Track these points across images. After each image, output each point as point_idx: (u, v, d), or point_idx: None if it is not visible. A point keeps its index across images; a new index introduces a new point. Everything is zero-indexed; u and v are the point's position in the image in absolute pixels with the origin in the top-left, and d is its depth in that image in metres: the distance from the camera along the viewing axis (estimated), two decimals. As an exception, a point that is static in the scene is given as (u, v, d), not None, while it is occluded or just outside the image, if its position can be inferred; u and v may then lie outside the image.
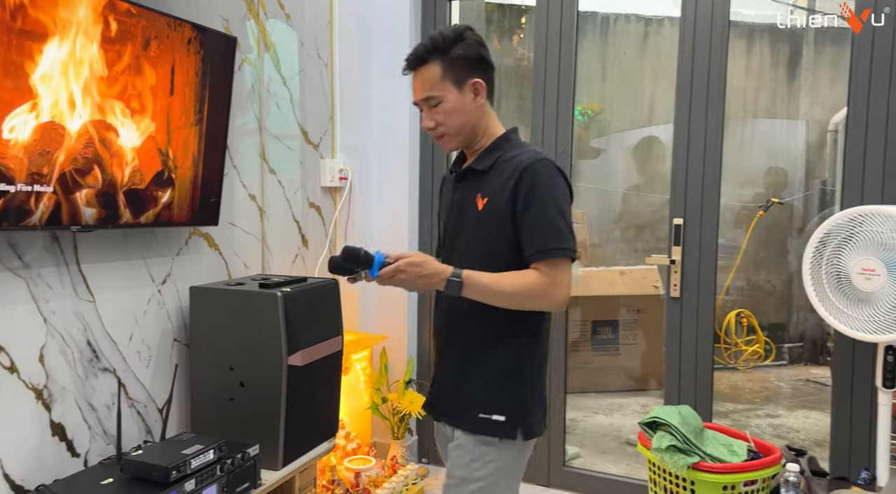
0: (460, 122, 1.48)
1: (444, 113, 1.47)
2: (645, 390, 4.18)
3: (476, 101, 1.47)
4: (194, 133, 2.10)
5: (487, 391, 1.45)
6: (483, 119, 1.51)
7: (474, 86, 1.46)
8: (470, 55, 1.45)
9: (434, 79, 1.45)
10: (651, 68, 4.77)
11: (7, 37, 1.51)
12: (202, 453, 1.79)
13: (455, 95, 1.45)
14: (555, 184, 1.42)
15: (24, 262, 1.75)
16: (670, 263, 2.64)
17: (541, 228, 1.39)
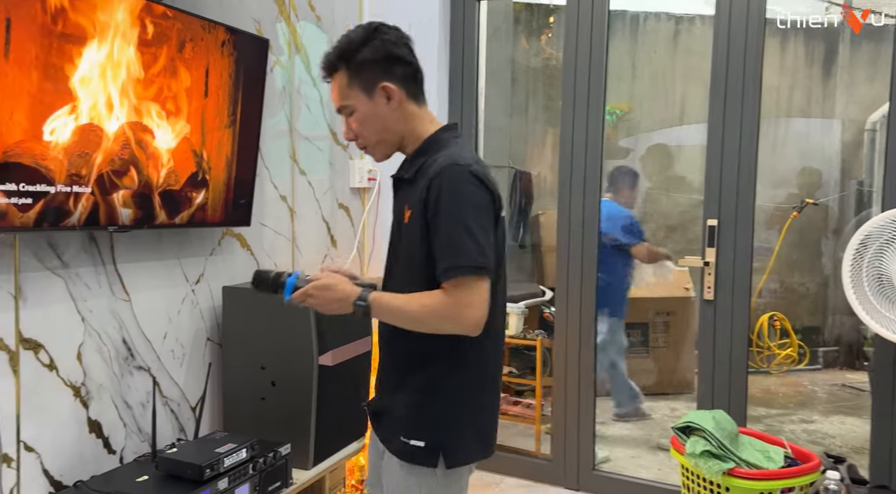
0: (376, 131, 1.36)
1: (358, 122, 1.36)
2: (675, 393, 4.12)
3: (391, 106, 1.34)
4: (228, 134, 2.12)
5: (409, 414, 1.33)
6: (407, 123, 1.37)
7: (385, 90, 1.33)
8: (377, 57, 1.32)
9: (343, 87, 1.35)
10: (682, 67, 4.71)
11: (48, 40, 1.54)
12: (235, 452, 1.81)
13: (365, 102, 1.34)
14: (466, 192, 1.25)
15: (62, 262, 1.78)
16: (704, 265, 2.59)
17: (448, 243, 1.24)
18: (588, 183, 2.80)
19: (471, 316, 1.24)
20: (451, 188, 1.25)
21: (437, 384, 1.32)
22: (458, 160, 1.28)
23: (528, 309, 3.36)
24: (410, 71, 1.37)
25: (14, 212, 1.52)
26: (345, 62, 1.33)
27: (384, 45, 1.33)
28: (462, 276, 1.23)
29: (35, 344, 1.72)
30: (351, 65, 1.33)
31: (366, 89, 1.33)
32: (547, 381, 3.13)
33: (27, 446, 1.71)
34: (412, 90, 1.37)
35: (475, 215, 1.26)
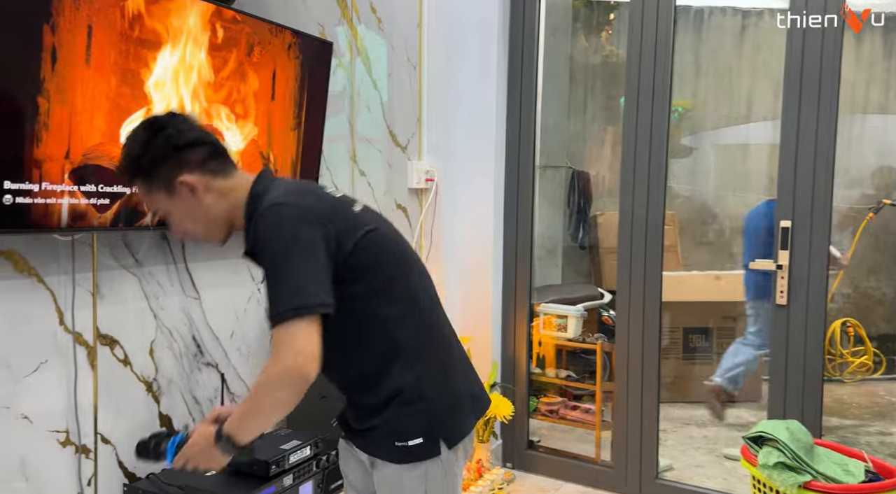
0: (196, 223, 1.31)
1: (176, 222, 1.32)
2: (740, 401, 3.98)
3: (197, 196, 1.26)
4: (293, 137, 2.15)
5: (392, 424, 1.30)
6: (224, 200, 1.29)
7: (184, 184, 1.25)
8: (165, 156, 1.24)
9: (144, 195, 1.30)
10: (749, 63, 4.54)
11: (126, 46, 1.59)
12: (300, 448, 1.83)
13: (173, 203, 1.28)
14: (279, 230, 1.19)
15: (136, 260, 1.84)
16: (776, 268, 2.49)
17: (269, 293, 1.18)
18: (652, 182, 2.73)
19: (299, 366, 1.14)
20: (262, 237, 1.20)
21: (400, 388, 1.29)
22: (264, 204, 1.23)
23: (587, 312, 3.31)
24: (205, 151, 1.28)
25: (93, 212, 1.58)
26: (134, 173, 1.27)
27: (167, 141, 1.25)
28: (283, 322, 1.14)
29: (111, 339, 1.78)
30: (140, 174, 1.27)
31: (167, 190, 1.26)
32: (606, 386, 3.07)
33: (104, 438, 1.77)
34: (215, 168, 1.29)
35: (290, 253, 1.17)
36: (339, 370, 1.32)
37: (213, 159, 1.28)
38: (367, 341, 1.29)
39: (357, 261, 1.24)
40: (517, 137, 3.10)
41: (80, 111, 1.50)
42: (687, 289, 3.97)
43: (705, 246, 4.59)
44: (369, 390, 1.30)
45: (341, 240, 1.22)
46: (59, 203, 1.50)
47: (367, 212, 1.35)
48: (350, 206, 1.32)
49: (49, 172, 1.47)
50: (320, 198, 1.30)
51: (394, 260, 1.33)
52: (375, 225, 1.31)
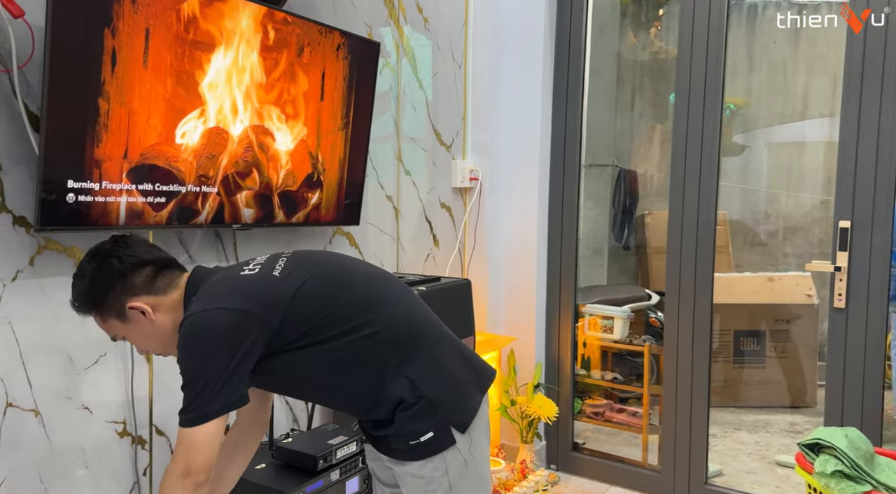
0: (155, 344, 1.36)
1: (137, 343, 1.37)
2: (794, 407, 3.85)
3: (149, 317, 1.30)
4: (341, 137, 2.18)
5: (402, 427, 1.34)
6: (173, 315, 1.32)
7: (134, 309, 1.29)
8: (111, 284, 1.28)
9: (100, 324, 1.34)
10: (804, 58, 4.39)
11: (181, 48, 1.64)
12: (346, 444, 1.85)
13: (128, 327, 1.32)
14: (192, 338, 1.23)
15: (190, 257, 1.89)
16: (835, 270, 2.40)
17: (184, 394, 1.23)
18: (703, 181, 2.66)
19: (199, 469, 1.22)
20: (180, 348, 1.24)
21: (399, 397, 1.33)
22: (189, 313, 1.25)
23: (634, 314, 3.25)
24: (148, 272, 1.32)
25: (149, 210, 1.63)
26: (86, 307, 1.31)
27: (110, 270, 1.29)
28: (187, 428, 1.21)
29: (166, 334, 1.83)
30: (91, 308, 1.31)
31: (118, 317, 1.31)
32: (653, 389, 3.01)
33: (158, 430, 1.83)
34: (162, 285, 1.32)
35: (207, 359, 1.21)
36: (342, 405, 1.43)
37: (159, 277, 1.32)
38: (349, 375, 1.32)
39: (295, 325, 1.27)
40: (562, 136, 3.07)
41: (138, 112, 1.55)
42: (738, 291, 3.87)
43: (758, 246, 4.46)
44: (374, 409, 1.35)
45: (270, 320, 1.25)
46: (117, 201, 1.55)
47: (291, 267, 1.33)
48: (271, 276, 1.31)
49: (108, 172, 1.52)
50: (239, 288, 1.29)
51: (334, 295, 1.33)
52: (302, 278, 1.31)
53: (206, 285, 1.30)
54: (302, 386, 1.39)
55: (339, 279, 1.36)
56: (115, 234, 1.34)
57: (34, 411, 1.56)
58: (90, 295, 1.29)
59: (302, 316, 1.28)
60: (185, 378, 1.22)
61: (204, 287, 1.30)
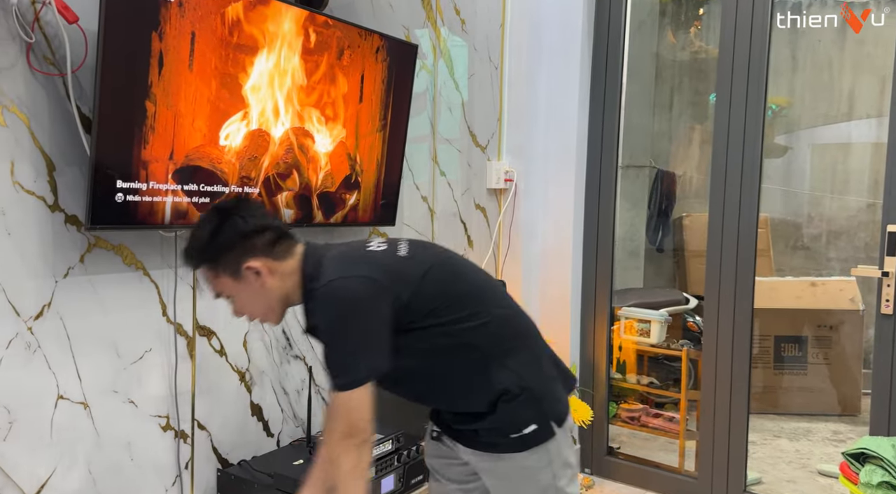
0: (259, 306, 1.36)
1: (239, 304, 1.37)
2: (837, 415, 3.75)
3: (261, 280, 1.32)
4: (378, 138, 2.20)
5: (501, 418, 1.36)
6: (284, 282, 1.34)
7: (250, 269, 1.31)
8: (231, 243, 1.30)
9: (210, 279, 1.35)
10: (851, 57, 4.28)
11: (225, 51, 1.67)
12: (381, 442, 1.87)
13: (237, 286, 1.33)
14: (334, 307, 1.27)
15: (232, 256, 1.93)
16: (882, 275, 2.33)
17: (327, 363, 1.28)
18: (745, 183, 2.61)
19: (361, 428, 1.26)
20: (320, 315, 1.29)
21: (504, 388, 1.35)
22: (319, 284, 1.28)
23: (672, 317, 3.21)
24: (269, 236, 1.33)
25: (193, 210, 1.67)
26: (203, 258, 1.33)
27: (234, 228, 1.31)
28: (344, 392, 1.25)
29: (208, 331, 1.88)
30: (209, 259, 1.32)
31: (233, 275, 1.32)
32: (691, 394, 2.96)
33: (200, 425, 1.87)
34: (279, 252, 1.34)
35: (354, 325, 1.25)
36: (438, 399, 1.44)
37: (277, 244, 1.34)
38: (458, 364, 1.35)
39: (420, 306, 1.31)
40: (599, 137, 3.04)
41: (184, 114, 1.59)
42: (779, 296, 3.78)
43: (800, 250, 4.36)
44: (473, 401, 1.37)
45: (399, 294, 1.29)
46: (163, 201, 1.60)
47: (414, 250, 1.38)
48: (396, 256, 1.35)
49: (155, 172, 1.56)
50: (370, 261, 1.33)
51: (454, 282, 1.38)
52: (428, 262, 1.36)
53: (331, 256, 1.34)
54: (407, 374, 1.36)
55: (455, 269, 1.41)
56: (238, 195, 1.38)
57: (83, 404, 1.62)
58: (209, 250, 1.31)
59: (427, 296, 1.32)
60: (329, 343, 1.27)
61: (328, 258, 1.33)
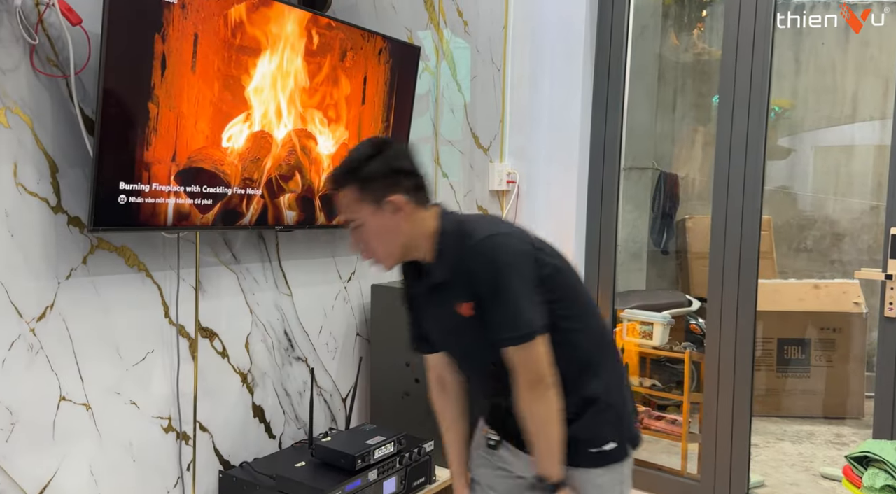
0: (383, 244, 1.37)
1: (366, 235, 1.36)
2: (840, 418, 3.74)
3: (398, 217, 1.34)
4: (381, 139, 2.20)
5: (587, 429, 1.39)
6: (414, 229, 1.36)
7: (392, 203, 1.33)
8: (383, 172, 1.33)
9: (351, 201, 1.35)
10: (854, 60, 4.27)
11: (228, 53, 1.67)
12: (384, 444, 1.87)
13: (375, 217, 1.34)
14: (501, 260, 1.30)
15: (235, 257, 1.93)
16: (886, 278, 2.32)
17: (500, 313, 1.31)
18: (748, 185, 2.61)
19: (545, 378, 1.32)
20: (483, 269, 1.30)
21: (594, 396, 1.40)
22: (475, 239, 1.32)
23: (675, 320, 3.20)
24: (416, 182, 1.37)
25: (195, 212, 1.67)
26: (352, 178, 1.34)
27: (388, 160, 1.34)
28: (521, 345, 1.30)
29: (211, 332, 1.88)
30: (358, 180, 1.34)
31: (375, 203, 1.33)
32: (694, 397, 2.95)
33: (202, 426, 1.87)
34: (419, 198, 1.37)
35: (520, 281, 1.31)
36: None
37: (422, 191, 1.38)
38: (560, 358, 1.35)
39: (551, 282, 1.35)
40: (602, 138, 3.04)
41: (186, 116, 1.59)
42: (783, 298, 3.77)
43: (803, 252, 4.35)
44: (565, 400, 1.36)
45: (541, 263, 1.34)
46: (166, 203, 1.60)
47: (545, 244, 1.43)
48: (534, 235, 1.42)
49: (157, 174, 1.57)
50: (516, 227, 1.40)
51: (575, 281, 1.43)
52: (559, 256, 1.42)
53: (475, 218, 1.43)
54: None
55: (573, 272, 1.45)
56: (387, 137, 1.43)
57: (85, 405, 1.62)
58: (362, 172, 1.33)
59: (554, 285, 1.35)
60: (497, 297, 1.30)
61: (471, 220, 1.40)
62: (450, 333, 1.45)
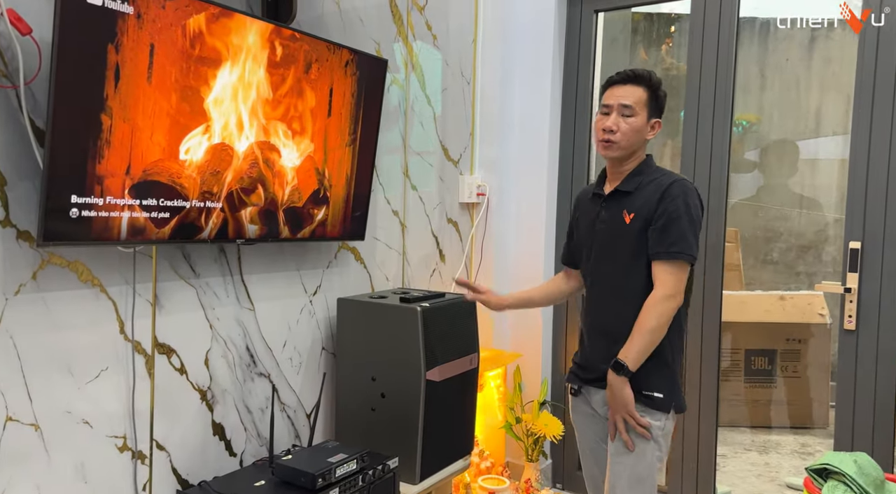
0: (630, 141, 1.77)
1: (628, 125, 1.75)
2: (806, 428, 3.79)
3: (648, 135, 1.79)
4: (348, 153, 2.18)
5: (644, 372, 1.70)
6: (641, 148, 1.81)
7: (655, 124, 1.79)
8: (663, 100, 1.81)
9: (639, 98, 1.76)
10: (818, 76, 4.36)
11: (186, 63, 1.64)
12: (346, 462, 1.84)
13: (643, 121, 1.77)
14: (691, 197, 1.72)
15: (195, 272, 1.90)
16: (845, 291, 2.36)
17: (676, 235, 1.68)
18: (712, 198, 2.64)
19: (679, 294, 1.70)
20: (678, 195, 1.71)
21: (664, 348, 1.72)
22: (674, 178, 1.75)
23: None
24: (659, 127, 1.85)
25: (151, 226, 1.63)
26: (649, 86, 1.77)
27: (665, 96, 1.82)
28: (681, 261, 1.69)
29: (168, 349, 1.83)
30: (652, 91, 1.77)
31: (649, 113, 1.77)
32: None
33: (159, 444, 1.82)
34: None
35: (693, 220, 1.71)
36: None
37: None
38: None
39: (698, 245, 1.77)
40: (571, 152, 3.06)
41: (141, 128, 1.56)
42: (749, 310, 3.82)
43: (770, 265, 4.41)
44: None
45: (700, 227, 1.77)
46: (119, 217, 1.56)
47: None
48: None
49: (111, 187, 1.53)
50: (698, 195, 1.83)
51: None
52: None
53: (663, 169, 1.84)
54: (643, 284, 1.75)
55: None
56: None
57: (34, 425, 1.56)
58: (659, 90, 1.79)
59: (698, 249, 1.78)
60: (677, 221, 1.68)
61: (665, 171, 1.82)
62: (604, 237, 1.81)
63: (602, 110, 1.82)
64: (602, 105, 1.82)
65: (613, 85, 1.81)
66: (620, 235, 1.77)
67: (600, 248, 1.83)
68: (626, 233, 1.76)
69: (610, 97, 1.79)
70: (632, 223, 1.75)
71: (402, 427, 2.14)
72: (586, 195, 1.95)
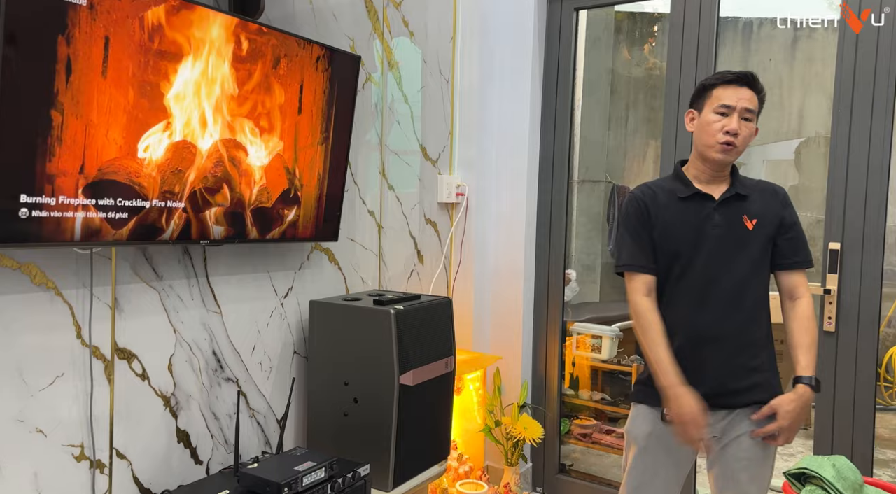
0: (745, 147, 1.76)
1: (746, 129, 1.73)
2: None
3: (751, 139, 1.77)
4: (320, 151, 2.12)
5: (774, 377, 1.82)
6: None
7: (756, 131, 1.78)
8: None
9: (756, 103, 1.74)
10: (801, 76, 4.36)
11: (144, 57, 1.58)
12: (314, 470, 1.78)
13: (755, 127, 1.77)
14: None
15: (157, 274, 1.83)
16: (824, 293, 2.34)
17: (802, 241, 1.78)
18: (692, 200, 2.60)
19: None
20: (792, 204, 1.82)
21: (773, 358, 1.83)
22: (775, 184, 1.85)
23: (623, 333, 3.19)
24: None
25: (107, 227, 1.57)
26: (760, 92, 1.75)
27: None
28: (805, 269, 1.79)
29: (129, 353, 1.77)
30: (762, 99, 1.77)
31: (756, 118, 1.77)
32: (643, 410, 2.93)
33: (119, 453, 1.76)
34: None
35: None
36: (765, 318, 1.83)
37: None
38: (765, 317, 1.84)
39: None
40: (551, 151, 3.02)
41: (96, 125, 1.50)
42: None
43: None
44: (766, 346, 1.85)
45: None
46: (73, 217, 1.49)
47: None
48: None
49: (63, 187, 1.46)
50: None
51: None
52: None
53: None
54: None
55: None
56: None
57: (-17, 434, 1.50)
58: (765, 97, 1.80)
59: None
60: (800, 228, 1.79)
61: None
62: (719, 241, 1.75)
63: (719, 110, 1.71)
64: (722, 105, 1.70)
65: (730, 84, 1.71)
66: (744, 242, 1.75)
67: (719, 254, 1.75)
68: (750, 240, 1.75)
69: (732, 98, 1.70)
70: (756, 229, 1.75)
71: (375, 433, 2.09)
72: (665, 193, 1.80)
